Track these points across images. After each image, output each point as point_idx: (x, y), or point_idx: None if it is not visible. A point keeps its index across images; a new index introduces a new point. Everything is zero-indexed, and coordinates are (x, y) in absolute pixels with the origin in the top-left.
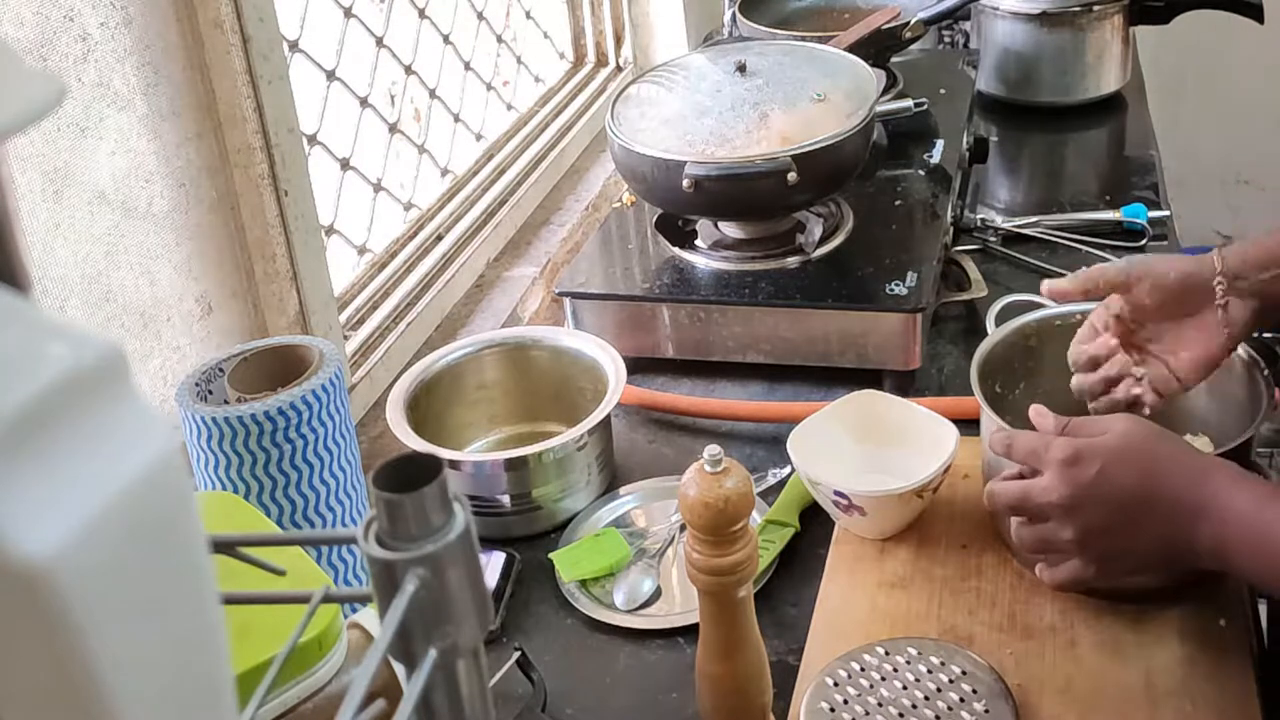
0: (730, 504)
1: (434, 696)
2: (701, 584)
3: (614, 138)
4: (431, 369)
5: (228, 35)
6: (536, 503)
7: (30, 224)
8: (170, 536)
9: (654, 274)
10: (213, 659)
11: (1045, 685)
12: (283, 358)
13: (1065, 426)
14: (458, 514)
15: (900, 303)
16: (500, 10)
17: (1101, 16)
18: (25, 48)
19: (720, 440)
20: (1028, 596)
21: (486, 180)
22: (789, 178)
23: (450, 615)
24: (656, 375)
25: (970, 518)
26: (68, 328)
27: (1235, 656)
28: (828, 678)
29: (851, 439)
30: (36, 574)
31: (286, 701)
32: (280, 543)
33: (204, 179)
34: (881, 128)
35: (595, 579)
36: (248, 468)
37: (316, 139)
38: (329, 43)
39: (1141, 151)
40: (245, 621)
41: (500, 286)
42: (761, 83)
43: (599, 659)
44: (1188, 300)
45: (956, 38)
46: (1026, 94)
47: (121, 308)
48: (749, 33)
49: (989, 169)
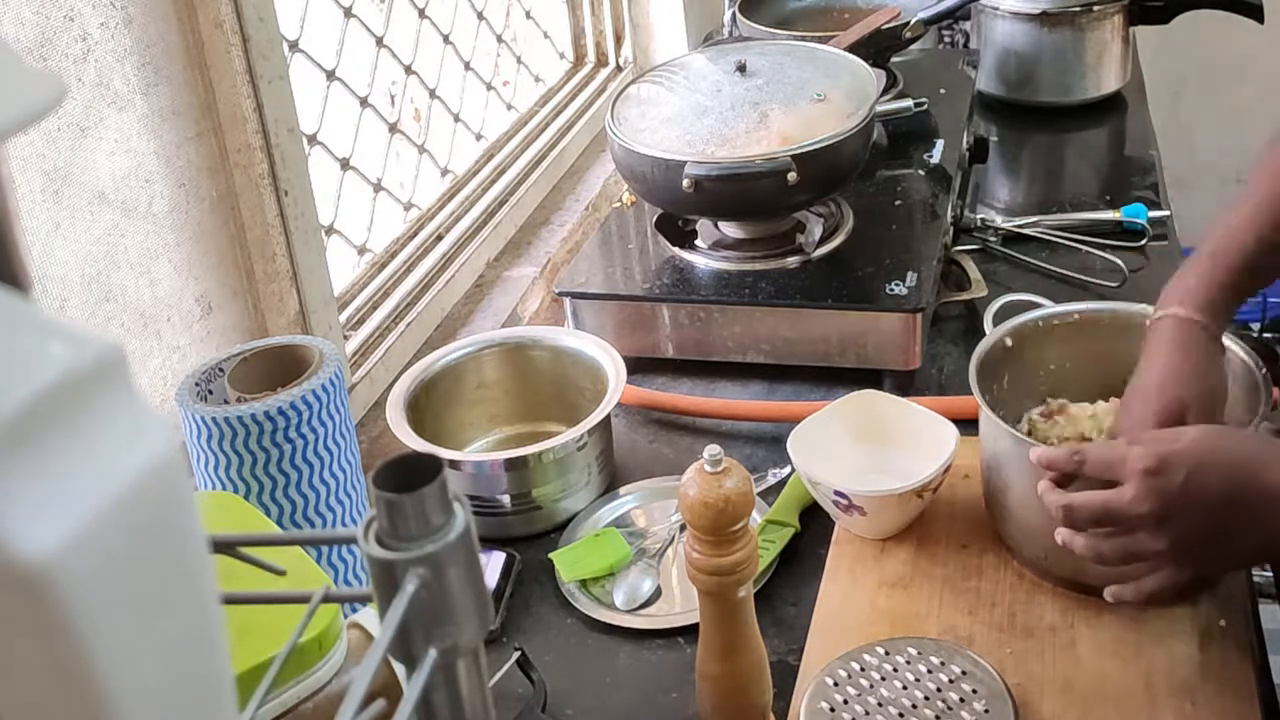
0: (730, 504)
1: (434, 696)
2: (701, 584)
3: (614, 138)
4: (431, 369)
5: (228, 35)
6: (536, 503)
7: (30, 224)
8: (170, 536)
9: (654, 274)
10: (213, 659)
11: (1045, 685)
12: (283, 358)
13: (1141, 437)
14: (458, 514)
15: (900, 303)
16: (500, 10)
17: (1101, 16)
18: (25, 48)
19: (720, 440)
20: (1028, 596)
21: (486, 180)
22: (789, 178)
23: (450, 615)
24: (656, 375)
25: (970, 518)
26: (68, 328)
27: (1235, 656)
28: (828, 678)
29: (851, 439)
30: (36, 574)
31: (286, 701)
32: (280, 543)
33: (204, 179)
34: (881, 128)
35: (595, 579)
36: (248, 468)
37: (316, 139)
38: (329, 43)
39: (1141, 151)
40: (245, 621)
41: (500, 286)
42: (761, 83)
43: (599, 659)
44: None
45: (956, 38)
46: (1026, 94)
47: (121, 308)
48: (749, 33)
49: (989, 169)
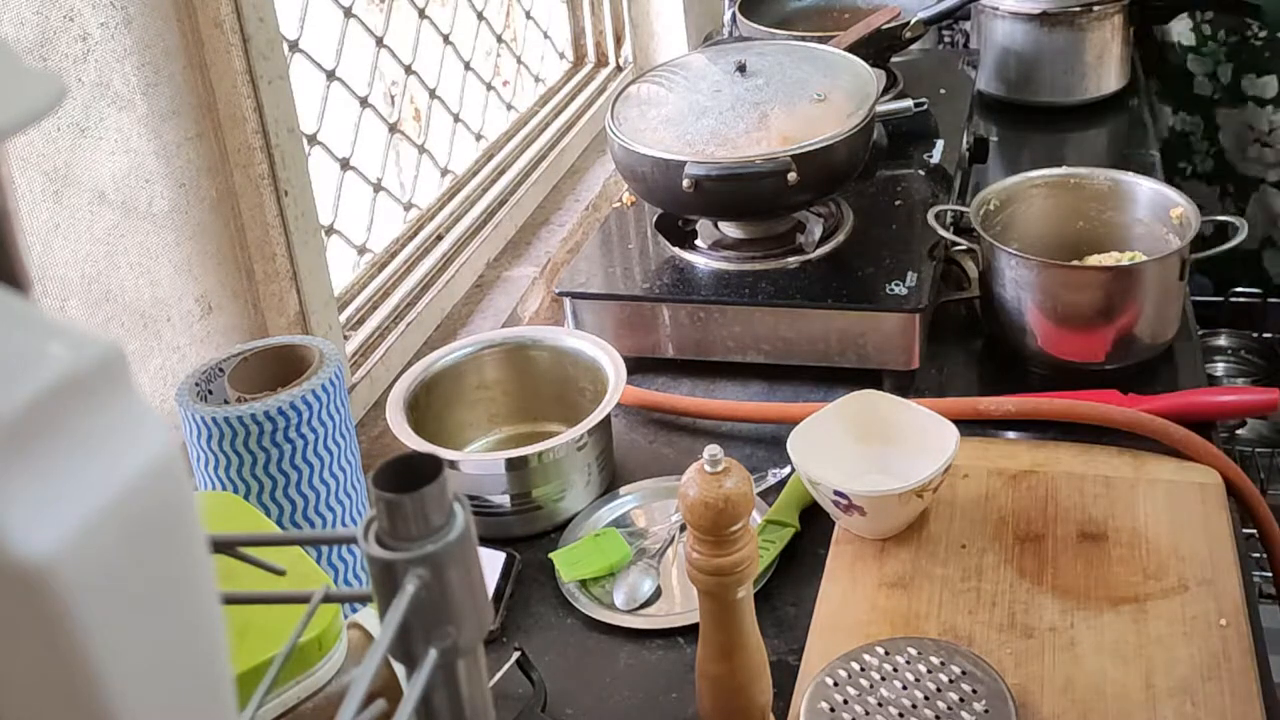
0: (730, 504)
1: (434, 696)
2: (701, 584)
3: (614, 138)
4: (431, 369)
5: (228, 35)
6: (536, 503)
7: (30, 224)
8: (170, 536)
9: (654, 274)
10: (213, 659)
11: (1045, 685)
12: (283, 358)
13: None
14: (458, 514)
15: (900, 303)
16: (500, 10)
17: (1101, 16)
18: (25, 48)
19: (720, 440)
20: (1028, 596)
21: (486, 180)
22: (789, 178)
23: (450, 615)
24: (656, 375)
25: (970, 518)
26: (68, 328)
27: (1235, 656)
28: (828, 678)
29: (851, 439)
30: (36, 574)
31: (286, 701)
32: (280, 543)
33: (204, 179)
34: (881, 128)
35: (595, 579)
36: (248, 468)
37: (316, 139)
38: (329, 43)
39: (1141, 151)
40: (245, 621)
41: (500, 286)
42: (761, 83)
43: (599, 659)
44: None
45: (956, 38)
46: (1026, 94)
47: (121, 308)
48: (749, 33)
49: (989, 169)
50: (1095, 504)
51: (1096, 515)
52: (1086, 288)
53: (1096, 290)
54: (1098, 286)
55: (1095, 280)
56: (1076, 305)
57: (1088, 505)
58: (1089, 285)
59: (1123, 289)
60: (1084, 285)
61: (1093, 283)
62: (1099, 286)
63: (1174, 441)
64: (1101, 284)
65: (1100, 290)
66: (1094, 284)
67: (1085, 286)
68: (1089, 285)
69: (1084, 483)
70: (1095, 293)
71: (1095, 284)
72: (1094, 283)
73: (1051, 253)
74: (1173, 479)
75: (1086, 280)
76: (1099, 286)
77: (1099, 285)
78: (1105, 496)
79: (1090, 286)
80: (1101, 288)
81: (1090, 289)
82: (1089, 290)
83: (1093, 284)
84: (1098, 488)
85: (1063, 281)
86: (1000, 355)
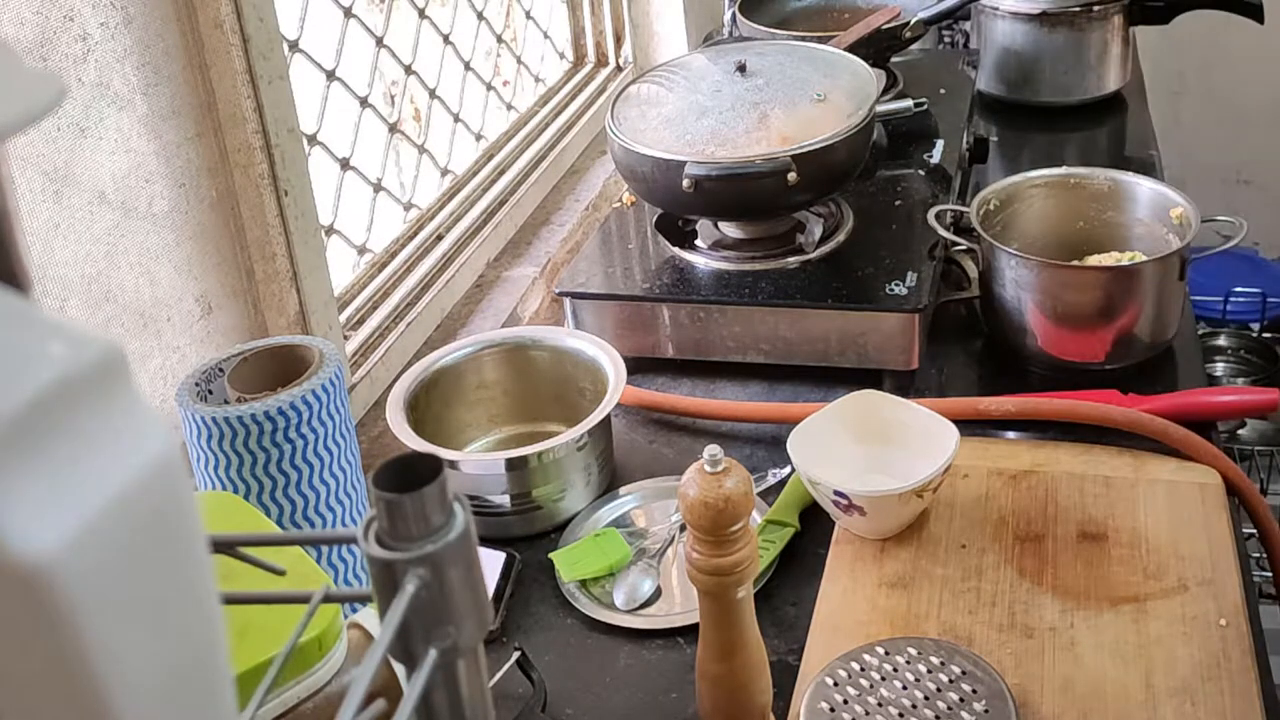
0: (730, 504)
1: (434, 696)
2: (701, 584)
3: (614, 138)
4: (431, 369)
5: (228, 35)
6: (536, 503)
7: (30, 224)
8: (170, 536)
9: (654, 274)
10: (213, 659)
11: (1045, 685)
12: (283, 358)
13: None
14: (458, 514)
15: (900, 303)
16: (500, 10)
17: (1101, 16)
18: (25, 48)
19: (720, 440)
20: (1028, 596)
21: (486, 180)
22: (789, 178)
23: (450, 615)
24: (656, 375)
25: (970, 518)
26: (68, 328)
27: (1235, 656)
28: (828, 678)
29: (851, 439)
30: (36, 573)
31: (286, 701)
32: (280, 543)
33: (204, 179)
34: (881, 128)
35: (595, 579)
36: (248, 468)
37: (316, 139)
38: (329, 43)
39: (1141, 151)
40: (245, 621)
41: (500, 286)
42: (761, 83)
43: (599, 659)
44: None
45: (956, 38)
46: (1026, 94)
47: (121, 308)
48: (749, 33)
49: (989, 169)
50: (1095, 504)
51: (1096, 515)
52: (1086, 288)
53: (1096, 290)
54: (1098, 286)
55: (1095, 280)
56: (1076, 305)
57: (1088, 505)
58: (1089, 285)
59: (1123, 289)
60: (1084, 285)
61: (1093, 283)
62: (1099, 286)
63: (1174, 441)
64: (1101, 284)
65: (1100, 290)
66: (1094, 284)
67: (1085, 286)
68: (1089, 285)
69: (1084, 483)
70: (1095, 293)
71: (1095, 284)
72: (1094, 283)
73: (1051, 253)
74: (1173, 479)
75: (1086, 280)
76: (1099, 286)
77: (1099, 285)
78: (1105, 496)
79: (1090, 286)
80: (1101, 288)
81: (1090, 289)
82: (1089, 290)
83: (1093, 284)
84: (1098, 488)
85: (1063, 281)
86: (1000, 355)
